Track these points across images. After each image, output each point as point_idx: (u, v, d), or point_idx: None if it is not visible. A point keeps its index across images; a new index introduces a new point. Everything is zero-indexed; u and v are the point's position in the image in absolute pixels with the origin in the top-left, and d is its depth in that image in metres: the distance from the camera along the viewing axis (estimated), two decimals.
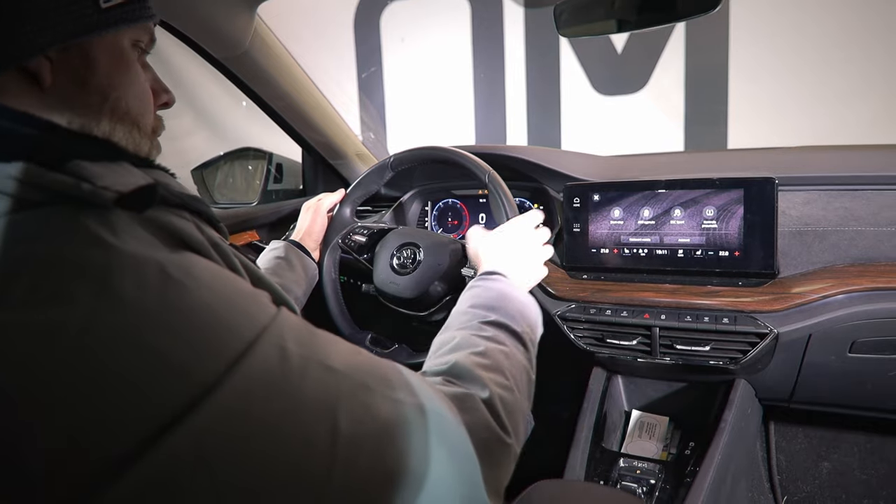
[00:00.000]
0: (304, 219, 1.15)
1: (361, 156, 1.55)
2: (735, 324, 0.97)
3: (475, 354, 0.59)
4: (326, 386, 0.39)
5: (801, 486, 1.38)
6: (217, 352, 0.36)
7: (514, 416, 0.55)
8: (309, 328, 0.44)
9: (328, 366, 0.41)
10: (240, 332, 0.38)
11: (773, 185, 0.95)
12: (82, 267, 0.36)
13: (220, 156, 1.56)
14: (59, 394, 0.33)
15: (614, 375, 1.19)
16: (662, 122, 2.19)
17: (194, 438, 0.33)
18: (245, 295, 0.41)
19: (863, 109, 1.91)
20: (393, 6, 2.50)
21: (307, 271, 1.06)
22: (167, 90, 0.58)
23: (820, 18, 1.92)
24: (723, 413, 1.03)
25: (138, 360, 0.34)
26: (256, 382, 0.36)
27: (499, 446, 0.51)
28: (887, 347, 0.96)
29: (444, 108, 2.52)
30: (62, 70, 0.46)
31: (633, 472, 1.02)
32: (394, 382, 0.44)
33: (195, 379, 0.34)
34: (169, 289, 0.37)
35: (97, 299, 0.35)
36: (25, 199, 0.38)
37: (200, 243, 0.44)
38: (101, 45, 0.48)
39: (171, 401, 0.34)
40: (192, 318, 0.36)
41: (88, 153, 0.43)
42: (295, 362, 0.39)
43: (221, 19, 1.02)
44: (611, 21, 0.96)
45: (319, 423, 0.38)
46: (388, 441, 0.40)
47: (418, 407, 0.43)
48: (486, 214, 1.40)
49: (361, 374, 0.42)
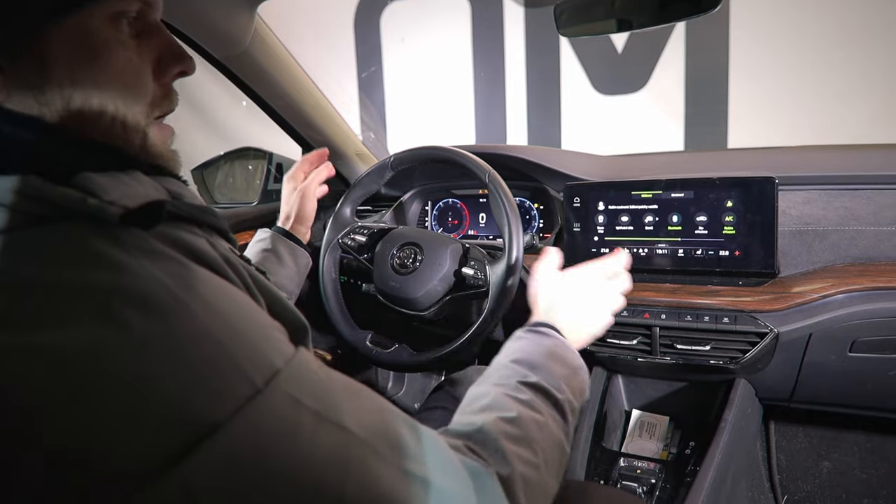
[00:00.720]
0: (292, 201, 1.07)
1: (361, 155, 1.55)
2: (735, 323, 0.97)
3: (505, 421, 0.53)
4: (338, 448, 0.36)
5: (801, 485, 1.38)
6: (223, 393, 0.33)
7: (535, 497, 0.50)
8: (327, 375, 0.40)
9: (343, 426, 0.37)
10: (250, 374, 0.35)
11: (774, 185, 0.95)
12: (86, 290, 0.34)
13: (221, 155, 1.56)
14: (54, 421, 0.31)
15: (614, 375, 1.19)
16: (662, 122, 2.19)
17: (186, 486, 0.31)
18: (260, 328, 0.38)
19: (863, 109, 1.91)
20: (393, 6, 2.49)
21: (298, 262, 1.01)
22: (183, 56, 0.49)
23: (820, 18, 1.91)
24: (723, 412, 1.02)
25: (137, 392, 0.32)
26: (262, 432, 0.33)
27: None
28: (887, 347, 0.96)
29: (444, 107, 2.52)
30: (14, 75, 0.40)
31: (634, 472, 1.02)
32: (407, 451, 0.40)
33: (195, 420, 0.32)
34: (177, 314, 0.34)
35: (100, 325, 0.33)
36: (30, 213, 0.36)
37: (214, 260, 0.41)
38: (58, 36, 0.40)
39: (165, 441, 0.31)
40: (199, 350, 0.34)
41: (97, 162, 0.40)
42: (307, 417, 0.36)
43: (221, 19, 1.02)
44: (611, 21, 0.96)
45: (326, 486, 0.35)
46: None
47: (427, 482, 0.40)
48: (487, 214, 1.40)
49: (375, 439, 0.39)
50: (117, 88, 0.44)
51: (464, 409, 0.58)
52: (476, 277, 1.01)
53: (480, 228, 1.41)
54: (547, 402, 0.59)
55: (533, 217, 1.32)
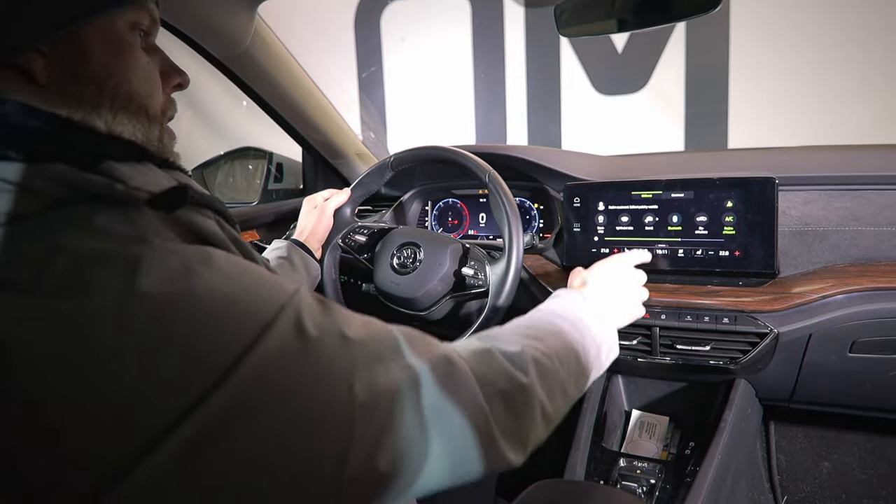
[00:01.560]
0: (309, 218, 1.12)
1: (361, 155, 1.55)
2: (735, 323, 0.97)
3: (520, 327, 0.61)
4: (343, 356, 0.42)
5: (801, 485, 1.38)
6: (237, 333, 0.37)
7: (544, 374, 0.56)
8: (324, 302, 0.45)
9: (344, 336, 0.43)
10: (258, 313, 0.39)
11: (774, 185, 0.95)
12: (112, 260, 0.37)
13: (221, 155, 1.56)
14: (86, 381, 0.33)
15: (614, 375, 1.19)
16: (663, 122, 2.19)
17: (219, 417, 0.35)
18: (264, 280, 0.43)
19: (863, 109, 1.90)
20: (393, 6, 2.49)
21: (310, 272, 1.05)
22: (180, 71, 0.56)
23: (820, 18, 1.91)
24: (723, 413, 1.03)
25: (164, 346, 0.35)
26: (276, 356, 0.38)
27: (518, 395, 0.52)
28: (888, 347, 0.96)
29: (444, 107, 2.52)
30: (56, 63, 0.45)
31: (634, 472, 1.02)
32: (403, 349, 0.46)
33: (216, 361, 0.36)
34: (192, 280, 0.38)
35: (125, 291, 0.36)
36: (59, 198, 0.39)
37: (222, 240, 0.46)
38: (94, 32, 0.47)
39: (195, 384, 0.35)
40: (213, 304, 0.38)
41: (116, 154, 0.44)
42: (312, 334, 0.40)
43: (222, 19, 1.02)
44: (611, 21, 0.96)
45: (337, 390, 0.40)
46: (398, 404, 0.42)
47: (426, 369, 0.46)
48: (487, 214, 1.40)
49: (374, 344, 0.44)
50: (142, 83, 0.51)
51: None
52: (476, 277, 1.02)
53: (480, 228, 1.41)
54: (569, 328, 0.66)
55: (533, 217, 1.32)
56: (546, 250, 1.19)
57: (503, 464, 0.50)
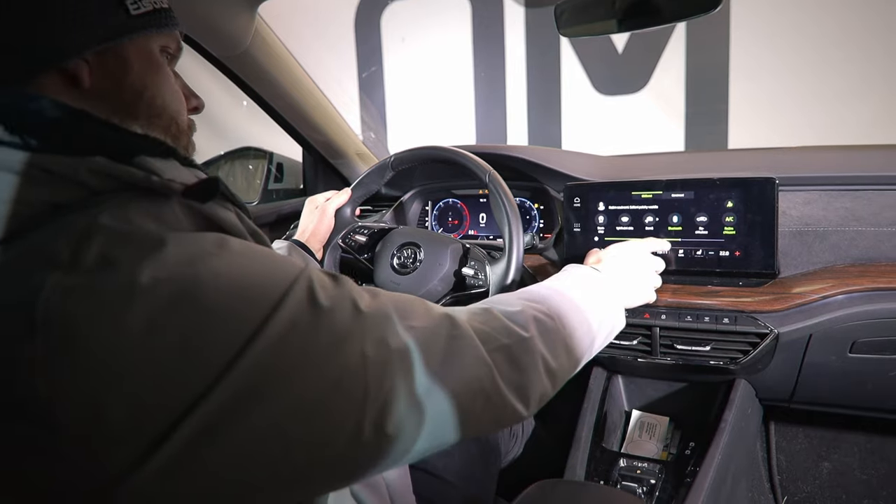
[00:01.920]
0: (310, 218, 1.13)
1: (362, 155, 1.55)
2: (735, 324, 0.97)
3: (522, 291, 0.65)
4: (353, 321, 0.44)
5: (801, 486, 1.38)
6: (253, 307, 0.40)
7: (546, 331, 0.59)
8: (335, 276, 0.48)
9: (356, 306, 0.46)
10: (271, 288, 0.42)
11: (774, 185, 0.95)
12: (142, 241, 0.39)
13: (221, 155, 1.56)
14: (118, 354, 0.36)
15: (614, 375, 1.19)
16: (663, 122, 2.19)
17: (242, 387, 0.37)
18: (276, 259, 0.46)
19: (863, 109, 1.90)
20: (393, 6, 2.49)
21: None
22: (196, 96, 0.62)
23: (820, 18, 1.91)
24: (723, 413, 1.02)
25: (187, 321, 0.38)
26: (291, 327, 0.40)
27: (519, 348, 0.56)
28: (888, 347, 0.96)
29: (444, 107, 2.52)
30: (99, 71, 0.50)
31: (634, 472, 1.02)
32: (409, 311, 0.50)
33: (235, 334, 0.38)
34: (211, 261, 0.41)
35: (152, 270, 0.38)
36: (99, 188, 0.42)
37: (241, 231, 0.49)
38: (134, 49, 0.53)
39: (216, 356, 0.37)
40: (231, 282, 0.40)
41: (148, 150, 0.48)
42: (325, 305, 0.43)
43: (222, 19, 1.02)
44: (611, 21, 0.95)
45: (350, 356, 0.43)
46: (407, 361, 0.46)
47: (431, 330, 0.50)
48: (487, 214, 1.40)
49: (383, 311, 0.48)
50: (173, 99, 0.57)
51: None
52: (476, 277, 1.02)
53: (480, 228, 1.41)
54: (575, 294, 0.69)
55: (533, 217, 1.32)
56: (546, 250, 1.19)
57: (511, 415, 0.54)
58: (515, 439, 1.13)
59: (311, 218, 1.13)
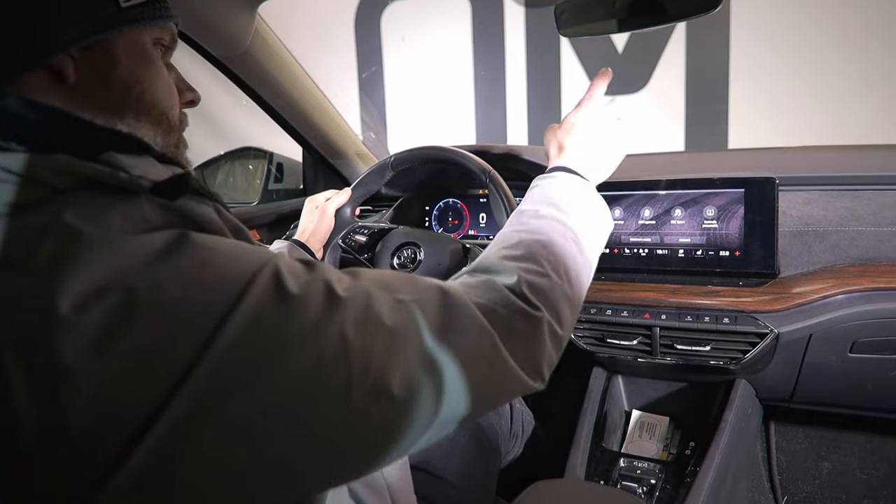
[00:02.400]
0: (310, 218, 1.13)
1: (362, 155, 1.55)
2: (735, 324, 0.97)
3: (505, 248, 0.61)
4: (328, 306, 0.42)
5: (801, 486, 1.38)
6: (212, 304, 0.38)
7: (545, 295, 0.56)
8: (310, 262, 0.46)
9: (332, 290, 0.43)
10: (232, 281, 0.40)
11: (774, 185, 0.95)
12: (98, 241, 0.38)
13: (221, 155, 1.56)
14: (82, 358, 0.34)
15: (614, 375, 1.19)
16: (663, 122, 2.19)
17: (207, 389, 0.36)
18: (243, 250, 0.44)
19: (863, 109, 1.90)
20: (394, 6, 2.49)
21: None
22: (192, 88, 0.59)
23: (820, 18, 1.91)
24: (723, 413, 1.03)
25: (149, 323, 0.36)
26: (256, 316, 0.38)
27: (523, 321, 0.53)
28: (888, 347, 0.96)
29: (444, 107, 2.52)
30: (86, 67, 0.47)
31: (634, 472, 1.02)
32: (395, 286, 0.47)
33: (194, 334, 0.37)
34: (172, 259, 0.39)
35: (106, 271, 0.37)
36: (62, 187, 0.40)
37: (220, 228, 0.46)
38: (123, 42, 0.50)
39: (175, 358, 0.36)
40: (193, 280, 0.39)
41: (117, 146, 0.46)
42: (294, 292, 0.41)
43: (222, 19, 1.02)
44: (611, 21, 0.95)
45: (328, 342, 0.40)
46: (399, 337, 0.43)
47: (422, 301, 0.47)
48: (487, 214, 1.40)
49: (364, 290, 0.45)
50: (165, 94, 0.54)
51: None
52: None
53: (481, 228, 1.41)
54: (553, 223, 0.66)
55: None
56: None
57: (520, 386, 0.52)
58: (515, 439, 1.13)
59: (311, 218, 1.13)
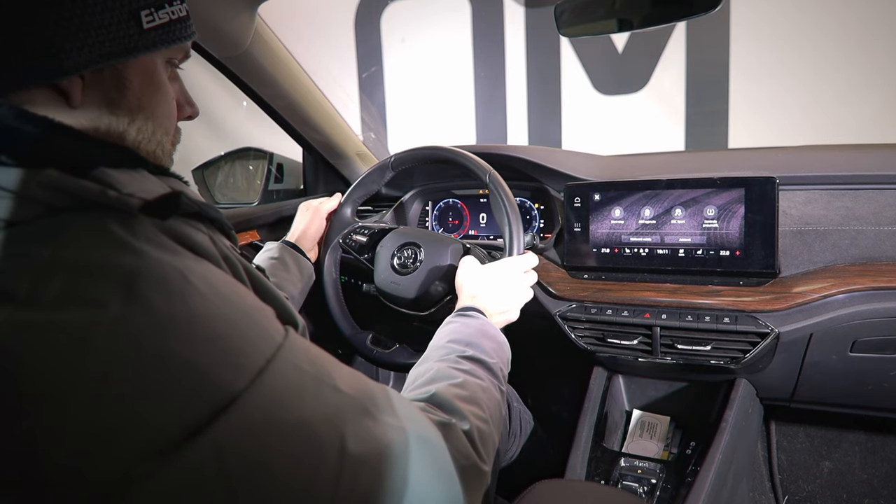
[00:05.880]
0: (301, 220, 1.16)
1: (362, 155, 1.55)
2: (736, 323, 0.97)
3: (454, 386, 0.61)
4: (336, 406, 0.42)
5: (802, 485, 1.38)
6: (240, 364, 0.37)
7: (488, 447, 0.57)
8: (315, 348, 0.46)
9: (338, 388, 0.43)
10: (260, 347, 0.39)
11: (774, 185, 0.95)
12: (111, 272, 0.36)
13: (221, 156, 1.56)
14: (85, 396, 0.33)
15: (615, 375, 1.19)
16: (663, 122, 2.19)
17: (217, 447, 0.34)
18: (259, 310, 0.43)
19: (863, 109, 1.90)
20: (393, 6, 2.49)
21: (303, 271, 1.07)
22: (192, 103, 0.58)
23: (820, 18, 1.91)
24: (724, 412, 1.02)
25: (166, 365, 0.35)
26: (277, 395, 0.38)
27: (476, 474, 0.53)
28: (888, 347, 0.96)
29: (444, 107, 2.52)
30: (93, 90, 0.46)
31: (634, 472, 1.02)
32: (388, 408, 0.47)
33: (221, 388, 0.35)
34: (192, 297, 0.38)
35: (126, 303, 0.35)
36: (52, 204, 0.39)
37: (214, 256, 0.45)
38: (136, 66, 0.49)
39: (195, 409, 0.34)
40: (215, 328, 0.38)
41: (111, 160, 0.44)
42: (309, 381, 0.41)
43: (222, 19, 1.02)
44: (611, 21, 0.96)
45: (330, 438, 0.40)
46: (386, 461, 0.43)
47: (411, 432, 0.46)
48: (487, 214, 1.40)
49: (363, 398, 0.45)
50: (166, 119, 0.53)
51: (410, 386, 0.64)
52: None
53: (481, 228, 1.41)
54: (484, 369, 0.67)
55: (533, 217, 1.32)
56: (547, 250, 1.18)
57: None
58: (515, 439, 1.13)
59: (303, 219, 1.15)
